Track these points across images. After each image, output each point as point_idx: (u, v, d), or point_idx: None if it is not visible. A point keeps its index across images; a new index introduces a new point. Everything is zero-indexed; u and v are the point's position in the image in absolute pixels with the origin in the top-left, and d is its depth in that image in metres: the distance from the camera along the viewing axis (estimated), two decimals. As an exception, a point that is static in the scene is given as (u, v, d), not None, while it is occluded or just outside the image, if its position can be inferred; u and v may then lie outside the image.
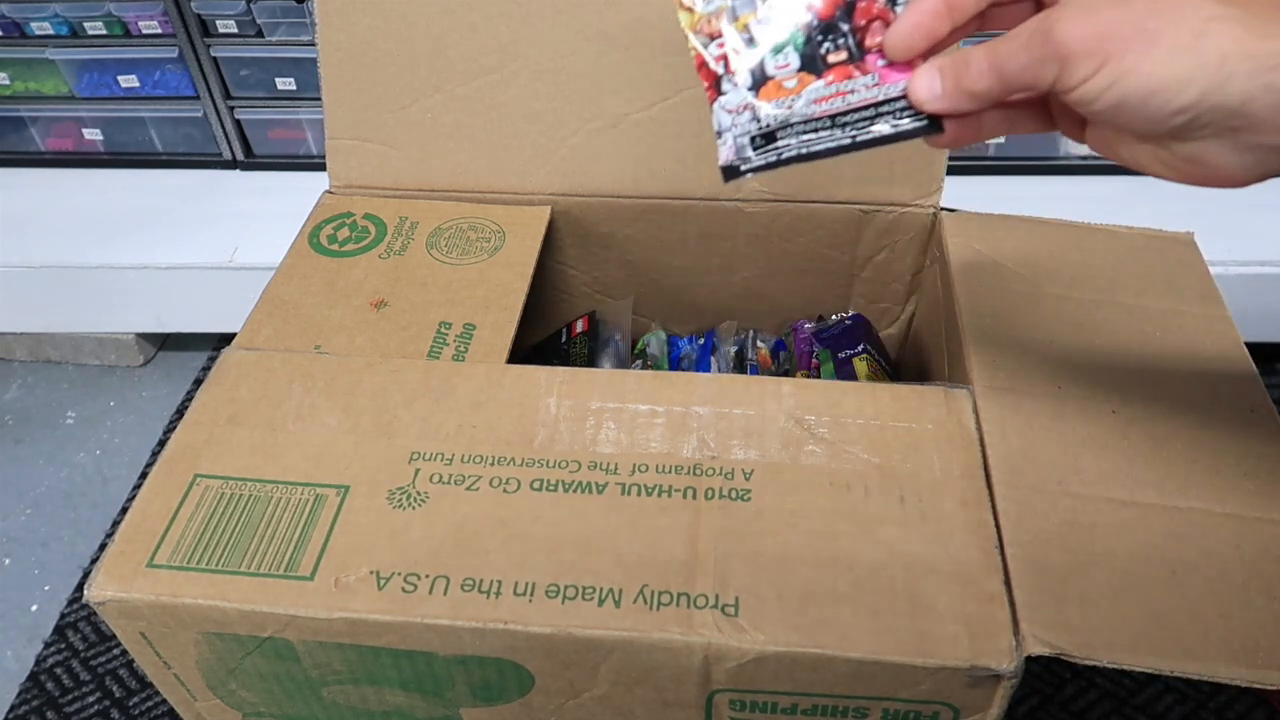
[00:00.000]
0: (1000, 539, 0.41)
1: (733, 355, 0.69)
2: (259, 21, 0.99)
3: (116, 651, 0.83)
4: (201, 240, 1.01)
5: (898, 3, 0.36)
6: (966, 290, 0.54)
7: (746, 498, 0.43)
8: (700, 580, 0.40)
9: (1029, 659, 0.37)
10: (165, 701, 0.61)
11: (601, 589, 0.39)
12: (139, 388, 1.10)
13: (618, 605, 0.39)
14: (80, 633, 0.85)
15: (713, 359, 0.69)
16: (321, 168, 0.64)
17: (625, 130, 0.61)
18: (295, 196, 0.66)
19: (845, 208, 0.63)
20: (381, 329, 0.53)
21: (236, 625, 0.40)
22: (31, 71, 1.06)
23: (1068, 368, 0.49)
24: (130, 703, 0.80)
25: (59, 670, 0.82)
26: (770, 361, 0.69)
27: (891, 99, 0.37)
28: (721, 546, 0.41)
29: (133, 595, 0.40)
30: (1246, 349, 0.50)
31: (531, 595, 0.39)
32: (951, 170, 0.61)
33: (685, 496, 0.43)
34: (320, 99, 0.62)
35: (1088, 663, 0.37)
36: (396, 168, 0.63)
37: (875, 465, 0.44)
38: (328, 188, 0.64)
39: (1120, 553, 0.40)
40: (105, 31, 1.01)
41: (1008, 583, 0.39)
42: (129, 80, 1.05)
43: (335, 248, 0.59)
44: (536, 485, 0.44)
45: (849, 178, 0.62)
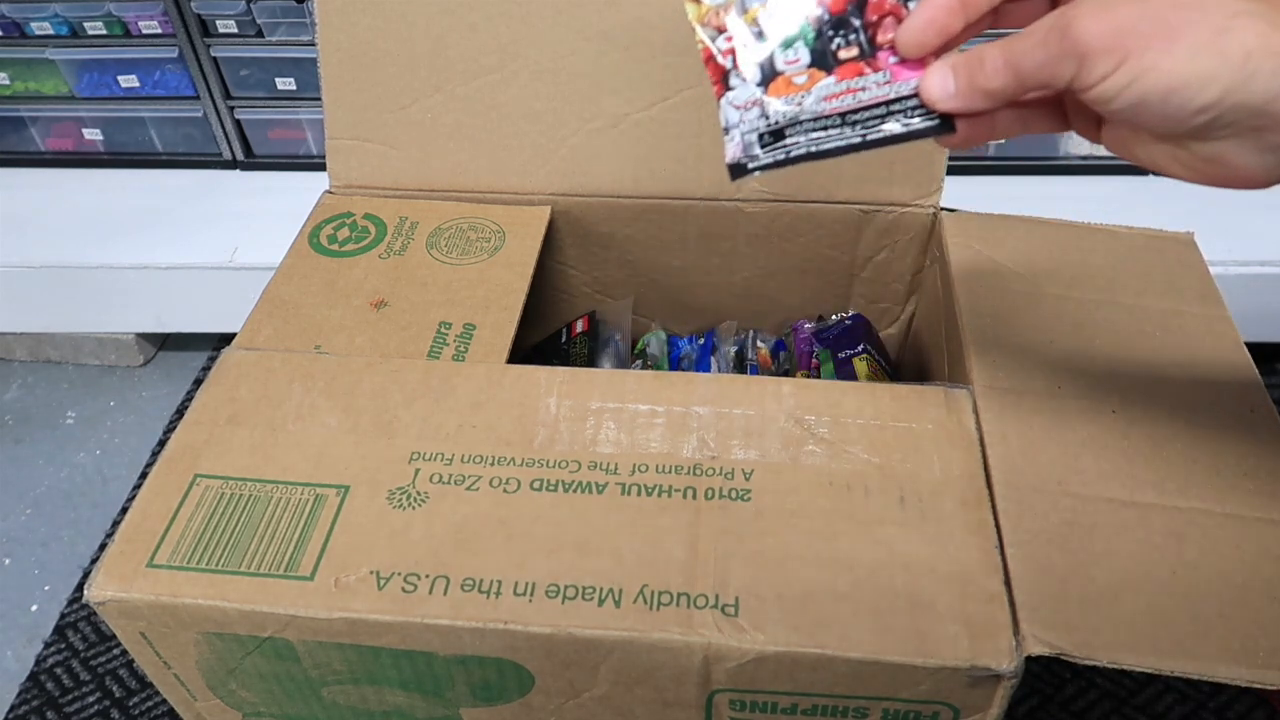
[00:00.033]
0: (1000, 539, 0.41)
1: (733, 355, 0.69)
2: (259, 21, 0.99)
3: (116, 651, 0.83)
4: (201, 240, 1.01)
5: None
6: (966, 290, 0.54)
7: (746, 498, 0.43)
8: (700, 580, 0.40)
9: (1029, 659, 0.37)
10: (165, 701, 0.61)
11: (601, 589, 0.39)
12: (139, 388, 1.10)
13: (618, 605, 0.39)
14: (80, 633, 0.85)
15: (713, 359, 0.69)
16: (321, 168, 0.64)
17: (625, 130, 0.61)
18: (295, 196, 0.66)
19: (845, 208, 0.63)
20: (381, 329, 0.53)
21: (236, 625, 0.40)
22: (31, 71, 1.06)
23: (1068, 368, 0.49)
24: (130, 703, 0.80)
25: (59, 670, 0.82)
26: (770, 361, 0.69)
27: (903, 97, 0.36)
28: (721, 546, 0.41)
29: (133, 595, 0.40)
30: (1246, 349, 0.50)
31: (531, 595, 0.39)
32: (951, 170, 0.61)
33: (685, 496, 0.43)
34: (320, 99, 0.62)
35: (1088, 663, 0.37)
36: (396, 168, 0.63)
37: (875, 465, 0.44)
38: (328, 188, 0.64)
39: (1120, 553, 0.40)
40: (105, 31, 1.01)
41: (1008, 583, 0.39)
42: (129, 80, 1.05)
43: (335, 248, 0.59)
44: (536, 485, 0.44)
45: (849, 178, 0.62)
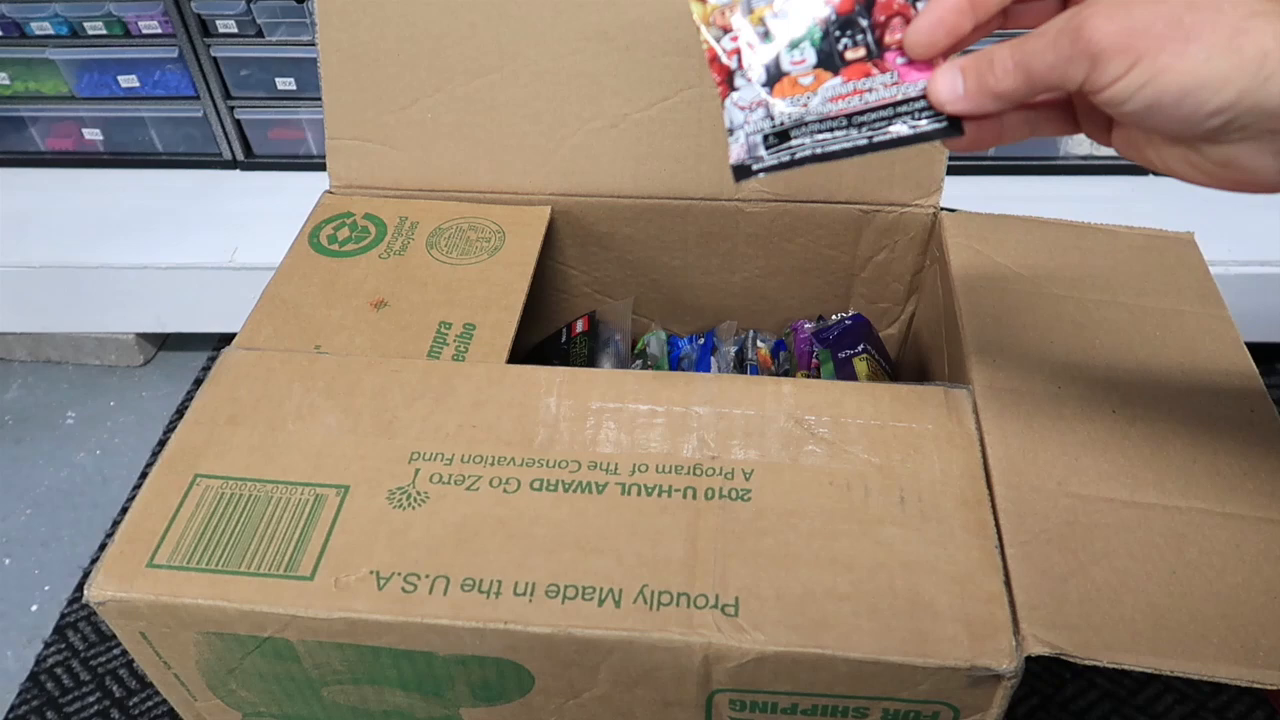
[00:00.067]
0: (1000, 539, 0.41)
1: (733, 355, 0.69)
2: (259, 21, 0.99)
3: (116, 651, 0.83)
4: (201, 240, 1.01)
5: None
6: (966, 290, 0.54)
7: (746, 498, 0.43)
8: (700, 580, 0.40)
9: (1029, 659, 0.37)
10: (165, 701, 0.61)
11: (601, 589, 0.39)
12: (139, 388, 1.10)
13: (618, 605, 0.39)
14: (80, 633, 0.85)
15: (713, 359, 0.69)
16: (321, 168, 0.64)
17: (625, 130, 0.61)
18: (295, 196, 0.66)
19: (845, 208, 0.63)
20: (381, 329, 0.53)
21: (236, 625, 0.40)
22: (31, 71, 1.06)
23: (1068, 368, 0.49)
24: (130, 703, 0.80)
25: (59, 670, 0.82)
26: (770, 361, 0.69)
27: (910, 99, 0.35)
28: (721, 546, 0.41)
29: (133, 595, 0.40)
30: (1246, 349, 0.50)
31: (531, 595, 0.39)
32: (951, 170, 0.61)
33: (685, 496, 0.43)
34: (320, 99, 0.62)
35: (1088, 663, 0.37)
36: (396, 168, 0.63)
37: (875, 465, 0.44)
38: (328, 188, 0.64)
39: (1120, 553, 0.40)
40: (105, 31, 1.01)
41: (1008, 583, 0.39)
42: (129, 80, 1.05)
43: (335, 248, 0.59)
44: (536, 485, 0.44)
45: (849, 178, 0.62)
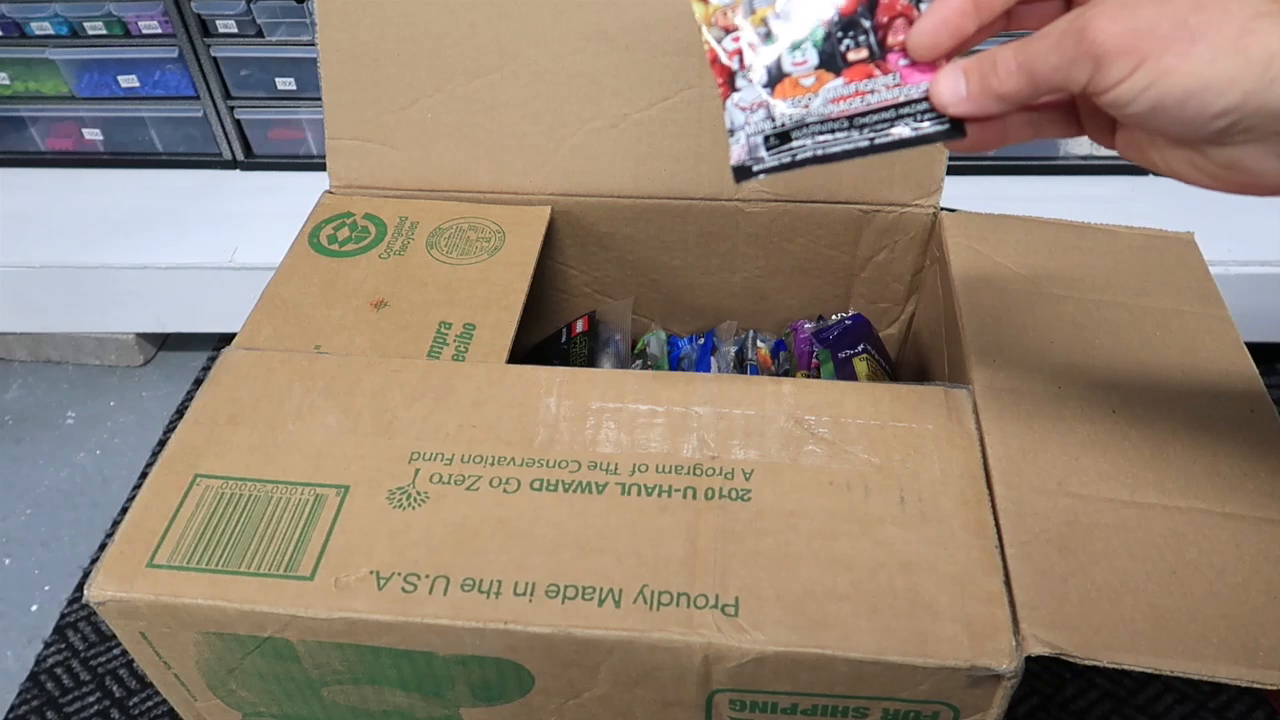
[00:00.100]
0: (1000, 539, 0.41)
1: (733, 355, 0.69)
2: (259, 21, 0.99)
3: (116, 651, 0.83)
4: (201, 240, 1.01)
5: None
6: (966, 290, 0.54)
7: (746, 498, 0.43)
8: (700, 580, 0.40)
9: (1029, 659, 0.37)
10: (165, 701, 0.61)
11: (601, 589, 0.39)
12: (139, 388, 1.10)
13: (618, 605, 0.39)
14: (80, 633, 0.85)
15: (713, 359, 0.69)
16: (321, 168, 0.64)
17: (625, 130, 0.61)
18: (295, 196, 0.66)
19: (845, 208, 0.63)
20: (381, 329, 0.53)
21: (236, 625, 0.40)
22: (31, 71, 1.06)
23: (1068, 368, 0.49)
24: (130, 703, 0.80)
25: (59, 670, 0.82)
26: (770, 361, 0.69)
27: (913, 100, 0.35)
28: (721, 546, 0.41)
29: (133, 595, 0.40)
30: (1246, 349, 0.50)
31: (531, 595, 0.39)
32: (951, 170, 0.61)
33: (685, 496, 0.43)
34: (320, 99, 0.62)
35: (1088, 663, 0.37)
36: (396, 168, 0.63)
37: (875, 465, 0.44)
38: (328, 188, 0.64)
39: (1120, 553, 0.40)
40: (105, 31, 1.01)
41: (1008, 583, 0.39)
42: (129, 80, 1.05)
43: (335, 248, 0.59)
44: (536, 485, 0.44)
45: (849, 178, 0.62)
